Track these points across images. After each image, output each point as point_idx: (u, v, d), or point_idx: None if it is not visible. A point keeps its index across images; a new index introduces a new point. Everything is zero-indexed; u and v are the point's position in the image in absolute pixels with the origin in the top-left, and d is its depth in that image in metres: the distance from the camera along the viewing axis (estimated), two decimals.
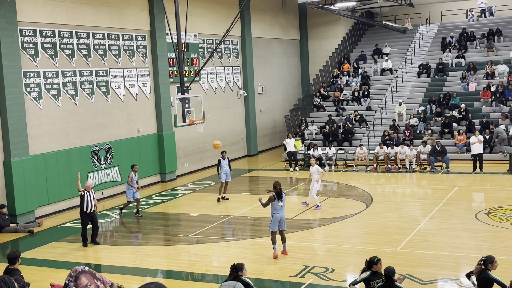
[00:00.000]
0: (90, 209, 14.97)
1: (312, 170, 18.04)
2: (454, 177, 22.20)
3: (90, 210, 14.98)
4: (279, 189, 13.11)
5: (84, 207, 14.92)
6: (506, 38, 32.33)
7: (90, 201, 14.94)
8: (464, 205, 17.74)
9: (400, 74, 31.75)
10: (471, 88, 28.80)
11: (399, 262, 12.28)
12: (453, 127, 26.23)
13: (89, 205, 14.94)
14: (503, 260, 11.86)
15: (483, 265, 8.59)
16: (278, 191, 13.08)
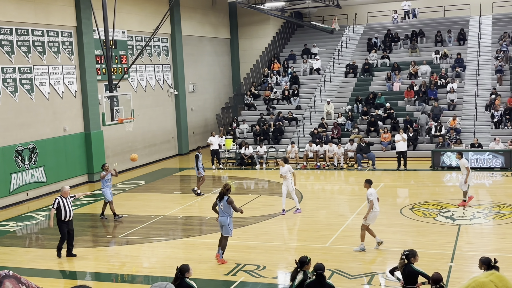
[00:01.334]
0: (69, 217, 13.76)
1: (283, 170, 16.84)
2: (380, 174, 22.89)
3: (69, 218, 13.78)
4: (222, 190, 12.68)
5: (62, 215, 13.66)
6: (429, 39, 33.64)
7: (67, 208, 13.74)
8: (389, 201, 18.31)
9: (328, 73, 32.41)
10: (395, 87, 29.78)
11: (328, 258, 12.55)
12: (378, 125, 27.04)
13: (67, 213, 13.70)
14: (427, 253, 12.37)
15: (406, 259, 8.91)
16: (220, 193, 12.71)
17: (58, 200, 13.73)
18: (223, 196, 12.62)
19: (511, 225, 14.76)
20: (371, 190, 13.20)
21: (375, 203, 13.08)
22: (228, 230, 12.72)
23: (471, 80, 29.19)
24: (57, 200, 13.73)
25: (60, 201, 13.71)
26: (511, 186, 19.62)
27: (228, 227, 12.68)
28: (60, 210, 13.67)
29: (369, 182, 13.38)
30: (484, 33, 32.87)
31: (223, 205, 12.60)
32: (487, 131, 25.61)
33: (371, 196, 13.06)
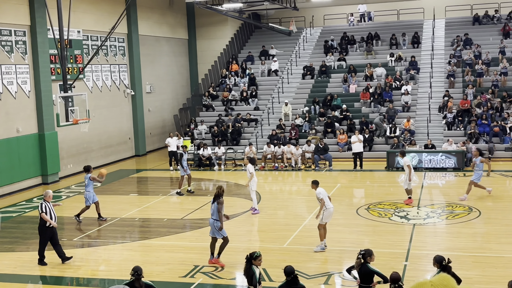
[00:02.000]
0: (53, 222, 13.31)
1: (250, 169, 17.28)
2: (336, 175, 23.16)
3: None
4: (217, 192, 12.65)
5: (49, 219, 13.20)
6: (384, 42, 34.25)
7: (53, 213, 13.22)
8: (346, 201, 18.55)
9: (286, 75, 32.61)
10: (351, 89, 30.21)
11: (286, 258, 12.63)
12: (335, 127, 27.37)
13: (53, 218, 13.16)
14: (382, 252, 12.59)
15: (362, 258, 9.06)
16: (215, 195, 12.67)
17: (44, 204, 13.20)
18: (216, 198, 12.59)
19: (463, 224, 15.16)
20: (319, 190, 13.31)
21: (326, 201, 13.21)
22: (212, 231, 12.62)
23: (424, 83, 29.86)
24: (44, 204, 13.20)
25: (46, 205, 13.20)
26: (463, 186, 20.11)
27: (213, 227, 12.56)
28: (46, 215, 13.14)
29: (315, 183, 13.50)
30: (437, 36, 33.68)
31: (214, 207, 12.55)
32: (440, 132, 26.24)
33: (320, 195, 13.20)
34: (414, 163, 23.27)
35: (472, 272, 11.51)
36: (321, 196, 13.19)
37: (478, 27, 33.76)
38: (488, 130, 24.99)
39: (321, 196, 13.19)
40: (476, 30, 33.36)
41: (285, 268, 8.64)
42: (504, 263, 12.05)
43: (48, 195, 13.47)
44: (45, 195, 13.49)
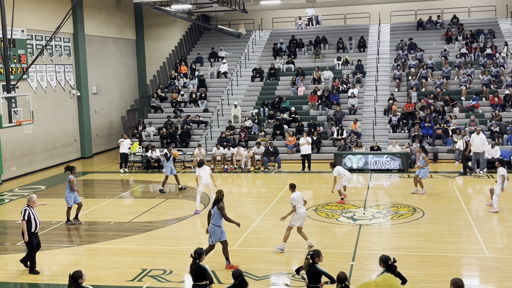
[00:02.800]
0: (38, 228, 12.75)
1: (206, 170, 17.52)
2: (285, 176, 23.35)
3: (37, 229, 12.74)
4: (217, 197, 12.37)
5: (32, 226, 12.56)
6: (331, 46, 34.77)
7: (37, 219, 12.69)
8: None
9: (235, 77, 32.67)
10: (300, 92, 30.53)
11: (235, 260, 12.65)
12: (284, 129, 27.60)
13: (37, 223, 12.65)
14: (330, 253, 12.78)
15: (310, 259, 9.18)
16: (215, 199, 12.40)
17: (28, 210, 12.60)
18: (216, 203, 12.27)
19: (408, 224, 15.56)
20: (294, 195, 13.45)
21: (297, 207, 13.30)
22: (209, 237, 12.28)
23: (370, 86, 30.48)
24: (27, 210, 12.60)
25: (30, 212, 12.61)
26: (407, 187, 20.65)
27: (210, 234, 12.26)
28: (30, 221, 12.55)
29: (292, 187, 13.69)
30: (382, 41, 34.44)
31: (214, 211, 12.24)
32: (385, 134, 26.84)
33: (293, 202, 13.34)
34: (360, 164, 23.74)
35: (416, 271, 11.82)
36: (294, 202, 13.31)
37: (422, 32, 34.73)
38: (431, 132, 25.72)
39: (294, 202, 13.31)
40: (420, 35, 34.31)
41: (233, 271, 8.72)
42: (447, 262, 12.44)
43: (32, 200, 12.84)
44: (29, 200, 12.84)
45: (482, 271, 11.93)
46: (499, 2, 35.21)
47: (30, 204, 12.77)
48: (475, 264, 12.37)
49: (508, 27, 34.04)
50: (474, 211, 16.83)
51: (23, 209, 12.66)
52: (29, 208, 12.67)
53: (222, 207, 12.25)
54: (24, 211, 12.61)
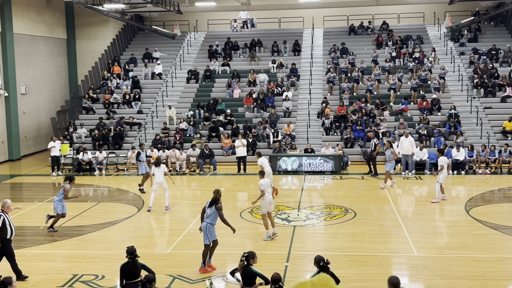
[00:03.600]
0: (12, 235, 11.98)
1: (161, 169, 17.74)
2: (221, 179, 23.34)
3: (12, 236, 11.99)
4: (215, 196, 12.31)
5: (8, 233, 11.82)
6: (266, 49, 35.05)
7: (12, 225, 11.97)
8: (230, 204, 18.71)
9: (170, 79, 32.38)
10: (235, 94, 30.61)
11: (169, 264, 12.53)
12: (219, 131, 27.58)
13: (13, 230, 11.94)
14: (265, 254, 12.86)
15: (245, 260, 9.21)
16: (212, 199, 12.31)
17: (3, 216, 11.85)
18: (214, 203, 12.22)
19: (341, 225, 15.87)
20: (262, 181, 14.57)
21: (265, 193, 14.37)
22: (206, 236, 12.14)
23: (304, 89, 30.94)
24: (2, 216, 11.85)
25: (4, 217, 11.87)
26: (340, 188, 21.09)
27: (206, 233, 12.14)
28: (5, 228, 11.82)
29: (261, 174, 15.27)
30: (316, 45, 35.04)
31: (211, 210, 12.19)
32: (319, 137, 27.30)
33: (262, 186, 14.40)
34: (294, 166, 24.03)
35: (348, 271, 12.07)
36: (262, 187, 14.37)
37: (354, 37, 35.58)
38: (363, 135, 26.38)
39: (262, 187, 14.37)
40: (352, 40, 35.13)
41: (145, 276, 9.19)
42: (377, 261, 12.77)
43: (6, 205, 12.09)
44: (3, 206, 12.10)
45: (411, 269, 12.32)
46: (427, 9, 36.55)
47: (5, 209, 12.06)
48: (404, 263, 12.76)
49: (435, 34, 35.40)
50: (403, 212, 17.38)
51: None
52: (3, 214, 11.94)
53: (220, 208, 12.27)
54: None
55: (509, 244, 13.76)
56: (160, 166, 17.78)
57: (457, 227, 15.35)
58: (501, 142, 24.97)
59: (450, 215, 17.05)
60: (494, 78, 29.66)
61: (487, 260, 12.58)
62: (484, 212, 16.84)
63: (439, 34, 35.21)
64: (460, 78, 30.18)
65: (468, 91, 29.13)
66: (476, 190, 20.13)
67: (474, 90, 29.25)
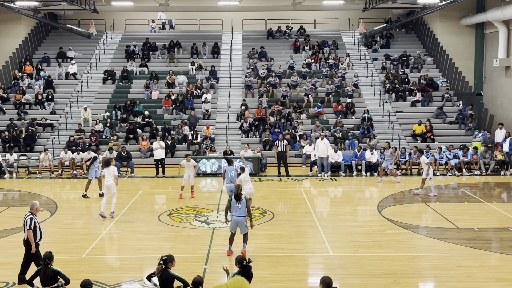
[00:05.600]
0: (41, 238, 11.45)
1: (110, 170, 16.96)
2: (139, 181, 22.98)
3: (41, 239, 11.46)
4: (236, 191, 13.10)
5: (38, 236, 11.32)
6: (185, 51, 34.88)
7: (40, 228, 11.44)
8: (148, 208, 18.49)
9: (85, 79, 31.53)
10: (154, 96, 30.25)
11: (84, 269, 12.20)
12: (137, 133, 27.15)
13: (41, 233, 11.46)
14: (183, 257, 12.79)
15: (163, 264, 9.12)
16: (235, 194, 13.09)
17: (33, 219, 11.33)
18: (241, 197, 13.01)
19: (259, 226, 16.02)
20: (241, 176, 16.18)
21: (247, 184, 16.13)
22: (246, 227, 13.11)
23: (224, 92, 31.04)
24: (33, 219, 11.32)
25: (35, 220, 11.36)
26: (259, 190, 21.29)
27: (245, 225, 13.08)
28: (35, 231, 11.30)
29: (242, 169, 16.49)
30: (235, 48, 35.25)
31: (241, 205, 12.98)
32: (238, 139, 27.47)
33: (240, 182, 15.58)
34: (214, 169, 24.05)
35: (266, 271, 12.22)
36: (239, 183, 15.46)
37: (272, 41, 36.08)
38: None
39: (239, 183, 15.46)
40: (270, 43, 35.61)
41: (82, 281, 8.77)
42: (294, 261, 13.01)
43: (35, 207, 11.59)
44: (32, 208, 11.57)
45: (327, 269, 12.64)
46: (342, 16, 37.65)
47: (33, 211, 11.55)
48: (320, 263, 13.08)
49: (350, 39, 36.53)
50: (319, 212, 17.80)
51: (28, 218, 11.36)
52: (33, 216, 11.45)
53: (248, 199, 13.48)
54: (29, 219, 11.32)
55: (418, 243, 14.41)
56: (110, 167, 16.90)
57: (370, 227, 15.91)
58: (411, 145, 26.12)
59: (363, 215, 17.64)
60: (404, 83, 30.99)
61: (399, 258, 13.12)
62: (395, 212, 17.55)
63: (353, 40, 36.38)
64: (373, 83, 31.32)
65: (381, 95, 30.28)
66: (387, 191, 20.94)
67: (386, 95, 30.44)
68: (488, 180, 22.88)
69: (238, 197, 13.01)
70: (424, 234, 15.13)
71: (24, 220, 11.41)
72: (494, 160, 24.05)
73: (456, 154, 24.35)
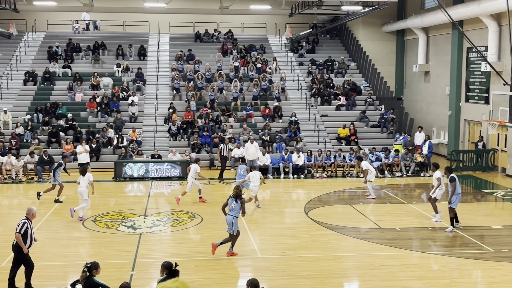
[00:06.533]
0: (31, 245, 11.22)
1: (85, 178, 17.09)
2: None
3: (31, 246, 11.24)
4: (237, 192, 13.56)
5: (28, 241, 11.12)
6: (110, 52, 34.20)
7: (33, 234, 11.26)
8: (67, 214, 17.96)
9: (5, 80, 30.32)
10: (77, 98, 29.48)
11: (3, 278, 11.72)
12: (60, 136, 26.36)
13: (32, 240, 11.25)
14: (109, 264, 12.54)
15: (87, 271, 8.90)
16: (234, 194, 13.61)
17: (26, 224, 11.16)
18: (238, 197, 13.45)
19: (187, 230, 15.96)
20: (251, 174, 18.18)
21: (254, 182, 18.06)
22: (231, 228, 13.43)
23: (151, 94, 30.66)
24: (26, 224, 11.15)
25: (28, 225, 11.16)
26: (187, 194, 21.18)
27: (233, 225, 13.39)
28: (25, 236, 11.10)
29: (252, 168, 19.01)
30: (162, 50, 34.92)
31: (235, 205, 13.42)
32: (166, 143, 27.21)
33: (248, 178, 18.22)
34: (141, 173, 23.72)
35: (195, 276, 12.18)
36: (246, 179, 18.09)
37: (200, 44, 35.99)
38: (209, 141, 26.76)
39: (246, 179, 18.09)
40: (198, 46, 35.51)
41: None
42: (223, 265, 13.03)
43: (31, 212, 11.42)
44: (28, 213, 11.37)
45: (255, 271, 12.74)
46: (269, 20, 38.09)
47: (29, 217, 11.38)
48: (249, 265, 13.16)
49: (276, 44, 37.01)
50: (247, 215, 17.86)
51: (22, 222, 11.21)
52: (28, 221, 11.28)
53: (245, 201, 13.80)
54: (22, 223, 11.17)
55: (344, 243, 14.78)
56: (85, 176, 16.91)
57: (297, 229, 16.16)
58: (336, 148, 26.75)
59: (290, 217, 17.91)
60: (329, 87, 31.72)
61: (325, 259, 13.41)
62: (321, 214, 17.92)
63: (280, 45, 36.87)
64: (299, 87, 31.85)
65: (307, 99, 30.85)
66: (314, 193, 21.35)
67: (312, 99, 31.05)
68: (409, 182, 23.78)
69: (237, 197, 13.55)
70: (349, 234, 15.53)
71: (17, 224, 11.26)
72: (414, 162, 25.02)
73: (379, 157, 25.17)
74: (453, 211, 15.85)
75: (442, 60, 29.80)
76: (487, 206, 19.51)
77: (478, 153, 25.61)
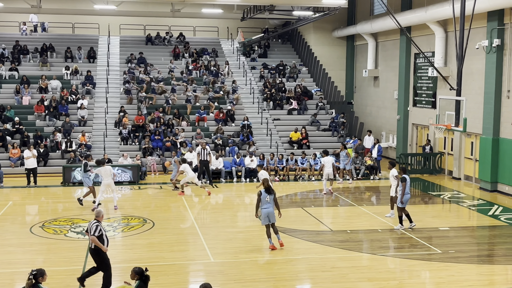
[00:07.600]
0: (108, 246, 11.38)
1: None
2: (8, 192, 21.71)
3: (108, 247, 11.40)
4: (266, 185, 14.25)
5: (104, 243, 11.23)
6: (59, 55, 33.50)
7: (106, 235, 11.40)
8: (18, 219, 17.54)
9: None
10: (24, 101, 28.75)
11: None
12: (7, 140, 25.65)
13: (108, 240, 11.41)
14: (57, 270, 12.26)
15: (33, 278, 8.68)
16: (266, 187, 14.23)
17: (99, 226, 11.20)
18: (269, 190, 14.15)
19: (138, 235, 15.76)
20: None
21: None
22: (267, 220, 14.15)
23: (101, 98, 30.18)
24: (98, 226, 11.19)
25: (101, 227, 11.25)
26: (138, 198, 20.94)
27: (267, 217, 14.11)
28: (101, 238, 11.18)
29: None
30: (112, 53, 34.42)
31: (270, 198, 14.13)
32: (116, 146, 26.81)
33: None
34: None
35: None
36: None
37: (151, 47, 35.66)
38: (161, 145, 26.52)
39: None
40: (149, 49, 35.18)
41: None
42: (175, 270, 12.93)
43: (100, 214, 11.52)
44: (97, 215, 11.48)
45: (208, 276, 12.69)
46: (221, 24, 38.08)
47: (99, 218, 11.46)
48: (201, 270, 13.11)
49: (229, 48, 37.05)
50: (200, 219, 17.84)
51: (94, 224, 11.22)
52: (99, 223, 11.34)
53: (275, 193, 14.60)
54: (95, 226, 11.20)
55: (296, 246, 14.89)
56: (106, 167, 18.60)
57: (249, 232, 16.19)
58: (288, 151, 26.95)
59: (243, 221, 17.92)
60: (281, 91, 31.96)
61: (277, 262, 13.48)
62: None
63: (232, 49, 36.92)
64: (251, 91, 31.96)
65: (259, 103, 30.98)
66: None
67: (264, 103, 31.20)
68: (359, 184, 24.17)
69: (269, 191, 14.17)
70: (300, 237, 15.66)
71: (89, 227, 11.26)
72: (364, 165, 25.45)
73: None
74: (403, 210, 16.27)
75: (390, 65, 30.47)
76: (435, 208, 20.02)
77: (425, 156, 26.26)
